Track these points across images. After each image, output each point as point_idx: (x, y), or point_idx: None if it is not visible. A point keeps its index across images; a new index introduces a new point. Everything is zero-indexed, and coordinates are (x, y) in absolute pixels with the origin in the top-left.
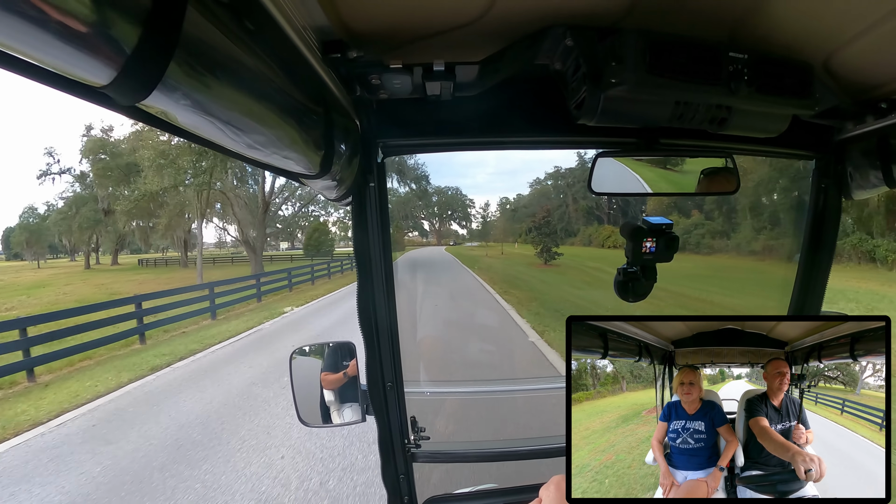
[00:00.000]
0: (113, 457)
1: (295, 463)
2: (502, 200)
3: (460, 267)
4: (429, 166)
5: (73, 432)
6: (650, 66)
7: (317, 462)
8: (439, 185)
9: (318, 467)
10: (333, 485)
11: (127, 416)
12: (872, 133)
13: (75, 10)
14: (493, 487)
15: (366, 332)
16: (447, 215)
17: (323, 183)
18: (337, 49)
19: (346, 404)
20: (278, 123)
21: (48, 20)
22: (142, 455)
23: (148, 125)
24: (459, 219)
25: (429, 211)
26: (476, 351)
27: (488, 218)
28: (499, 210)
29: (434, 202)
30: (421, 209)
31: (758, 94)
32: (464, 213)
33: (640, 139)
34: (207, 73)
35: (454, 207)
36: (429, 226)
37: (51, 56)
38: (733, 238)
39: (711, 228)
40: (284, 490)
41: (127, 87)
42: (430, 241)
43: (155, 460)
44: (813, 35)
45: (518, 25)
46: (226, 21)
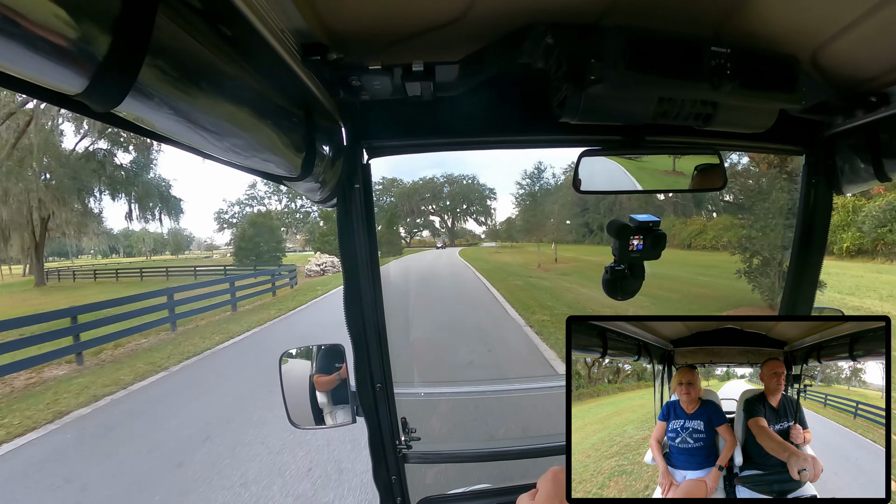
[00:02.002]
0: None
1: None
2: (530, 190)
3: (485, 297)
4: (439, 167)
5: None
6: (630, 62)
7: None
8: (451, 172)
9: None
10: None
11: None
12: (862, 127)
13: (45, 21)
14: (487, 487)
15: (353, 334)
16: (462, 209)
17: (306, 185)
18: (317, 52)
19: (338, 406)
20: (257, 127)
21: (18, 31)
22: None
23: (126, 131)
24: (477, 213)
25: (439, 204)
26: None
27: (513, 214)
28: (524, 204)
29: (445, 193)
30: (429, 201)
31: (742, 88)
32: (482, 207)
33: (625, 137)
34: (181, 79)
35: (471, 199)
36: (439, 222)
37: (23, 66)
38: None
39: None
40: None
41: (100, 95)
42: (436, 242)
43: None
44: (799, 28)
45: (499, 24)
46: (200, 27)
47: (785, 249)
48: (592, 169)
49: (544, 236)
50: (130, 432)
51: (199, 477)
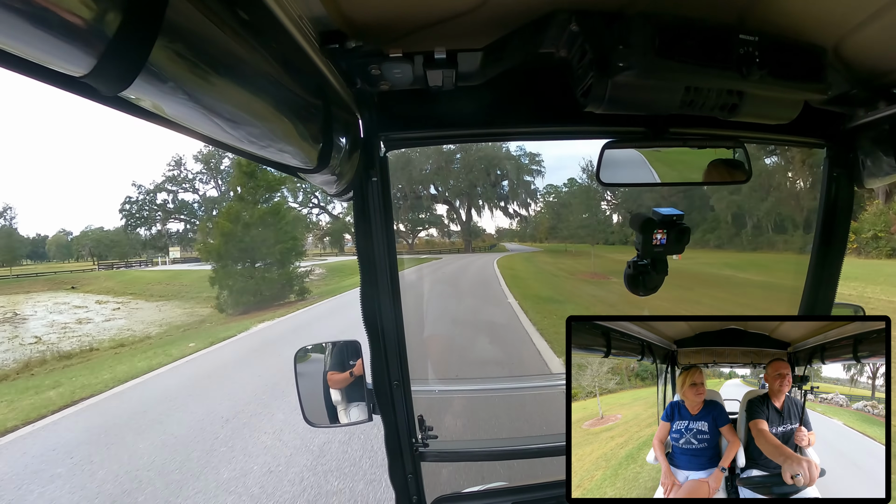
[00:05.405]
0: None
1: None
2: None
3: None
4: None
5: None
6: (659, 50)
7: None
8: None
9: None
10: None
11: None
12: (884, 120)
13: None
14: (503, 486)
15: (371, 331)
16: (486, 189)
17: (322, 177)
18: (335, 40)
19: (353, 403)
20: (274, 115)
21: (21, 4)
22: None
23: (135, 117)
24: (513, 197)
25: (448, 184)
26: None
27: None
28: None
29: (457, 166)
30: (433, 178)
31: (769, 78)
32: (522, 188)
33: (649, 128)
34: (195, 62)
35: (520, 182)
36: (447, 214)
37: (26, 44)
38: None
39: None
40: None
41: (108, 76)
42: (458, 243)
43: None
44: (823, 18)
45: (522, 12)
46: (215, 9)
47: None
48: (615, 161)
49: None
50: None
51: None
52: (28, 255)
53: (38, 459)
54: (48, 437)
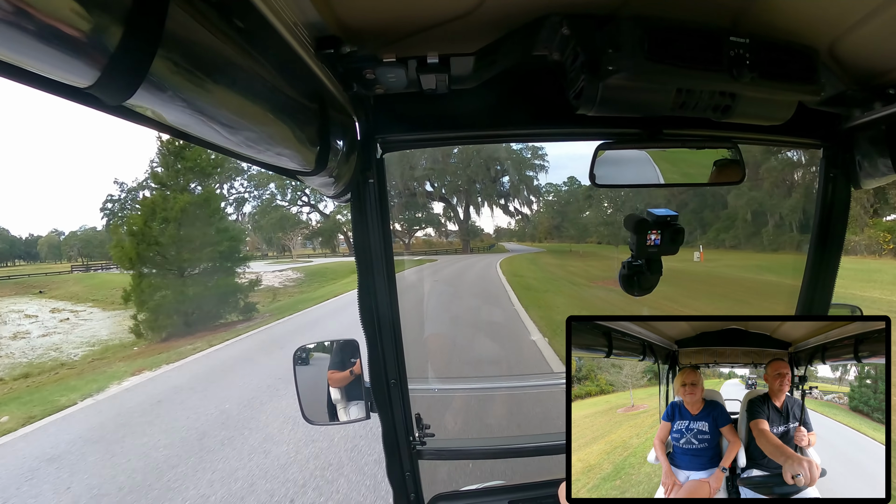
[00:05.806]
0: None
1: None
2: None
3: None
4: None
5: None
6: (649, 52)
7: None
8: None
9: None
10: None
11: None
12: (881, 120)
13: (56, 12)
14: (501, 484)
15: (368, 329)
16: (485, 185)
17: (320, 179)
18: (330, 45)
19: (352, 402)
20: (271, 120)
21: (30, 22)
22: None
23: (137, 125)
24: (515, 194)
25: (444, 180)
26: None
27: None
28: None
29: (454, 160)
30: (427, 173)
31: (761, 79)
32: (525, 183)
33: (643, 129)
34: (195, 71)
35: (522, 176)
36: (443, 211)
37: (33, 58)
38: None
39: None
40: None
41: (112, 87)
42: (455, 243)
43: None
44: (817, 19)
45: (514, 15)
46: (213, 19)
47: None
48: (609, 162)
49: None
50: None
51: None
52: (20, 255)
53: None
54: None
